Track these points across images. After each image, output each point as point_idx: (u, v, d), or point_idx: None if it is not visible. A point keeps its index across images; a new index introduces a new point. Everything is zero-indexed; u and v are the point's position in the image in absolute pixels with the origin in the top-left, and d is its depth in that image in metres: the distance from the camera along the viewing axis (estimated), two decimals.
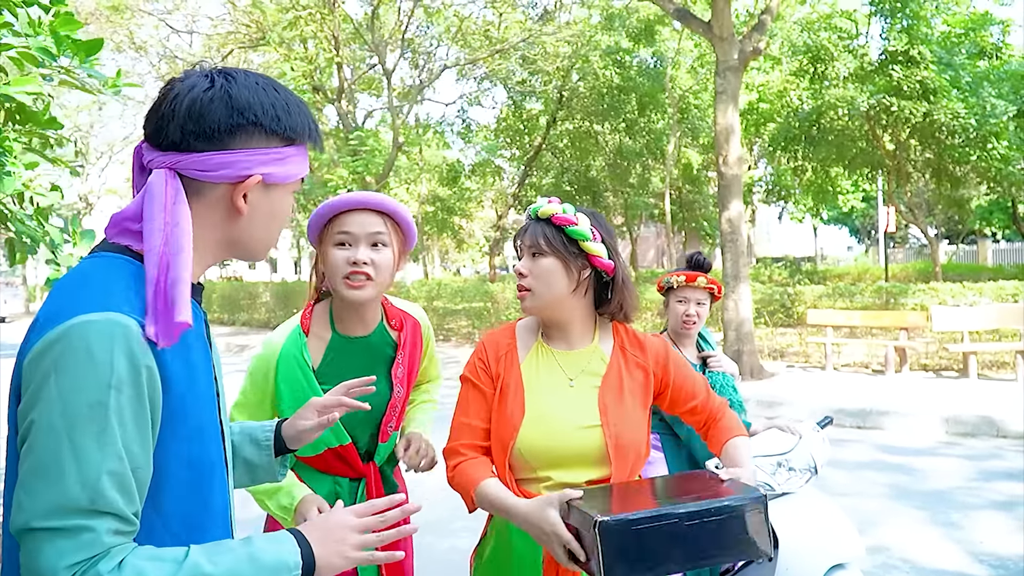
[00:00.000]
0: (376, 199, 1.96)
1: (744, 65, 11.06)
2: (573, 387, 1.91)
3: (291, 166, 1.27)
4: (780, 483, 2.78)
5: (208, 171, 1.19)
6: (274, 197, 1.27)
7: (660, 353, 2.00)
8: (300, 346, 2.05)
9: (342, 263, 1.92)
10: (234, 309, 24.06)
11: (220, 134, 1.18)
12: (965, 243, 36.06)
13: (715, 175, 21.44)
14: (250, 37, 18.59)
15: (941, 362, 11.53)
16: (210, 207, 1.22)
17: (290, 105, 1.26)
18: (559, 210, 1.88)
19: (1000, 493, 5.68)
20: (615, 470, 1.85)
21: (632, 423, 1.89)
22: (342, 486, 2.08)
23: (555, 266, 1.87)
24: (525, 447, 1.86)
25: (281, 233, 1.34)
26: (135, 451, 1.06)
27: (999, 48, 16.85)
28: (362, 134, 17.06)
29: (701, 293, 3.18)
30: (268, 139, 1.23)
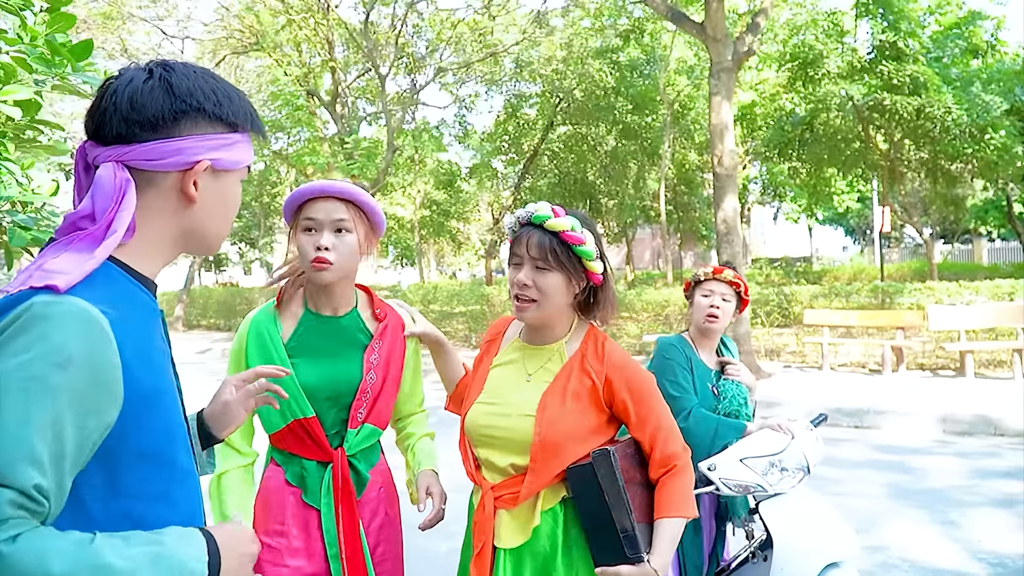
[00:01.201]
0: (338, 187, 2.05)
1: (738, 66, 11.08)
2: (529, 382, 2.00)
3: (237, 152, 1.27)
4: (772, 483, 2.77)
5: (156, 159, 1.18)
6: (223, 184, 1.27)
7: (619, 368, 1.97)
8: (272, 318, 2.16)
9: (309, 247, 2.04)
10: (230, 315, 24.01)
11: (164, 122, 1.18)
12: (960, 242, 36.17)
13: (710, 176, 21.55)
14: (243, 43, 18.58)
15: (938, 361, 11.54)
16: (161, 197, 1.22)
17: (230, 92, 1.27)
18: (568, 227, 1.89)
19: (998, 492, 5.68)
20: (535, 464, 1.89)
21: (567, 425, 1.91)
22: (308, 470, 2.10)
23: (561, 282, 1.92)
24: (469, 421, 2.01)
25: (231, 220, 1.34)
26: (68, 435, 1.02)
27: (992, 46, 16.89)
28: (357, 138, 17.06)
29: (727, 288, 3.12)
30: (213, 124, 1.23)
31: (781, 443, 2.84)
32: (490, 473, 1.99)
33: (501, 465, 1.95)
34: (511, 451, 1.94)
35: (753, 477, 2.76)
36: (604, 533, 1.88)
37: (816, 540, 2.70)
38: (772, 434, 2.87)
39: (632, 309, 14.57)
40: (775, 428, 2.91)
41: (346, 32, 18.25)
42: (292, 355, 2.11)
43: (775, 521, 2.74)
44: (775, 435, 2.87)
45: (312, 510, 2.09)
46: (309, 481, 2.09)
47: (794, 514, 2.76)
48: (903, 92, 14.79)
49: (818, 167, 19.15)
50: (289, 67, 17.93)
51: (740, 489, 2.77)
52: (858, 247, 43.75)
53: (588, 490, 1.89)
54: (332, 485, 2.07)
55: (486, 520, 1.93)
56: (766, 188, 26.32)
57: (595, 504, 1.88)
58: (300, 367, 2.09)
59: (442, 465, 2.33)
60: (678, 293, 14.43)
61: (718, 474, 2.77)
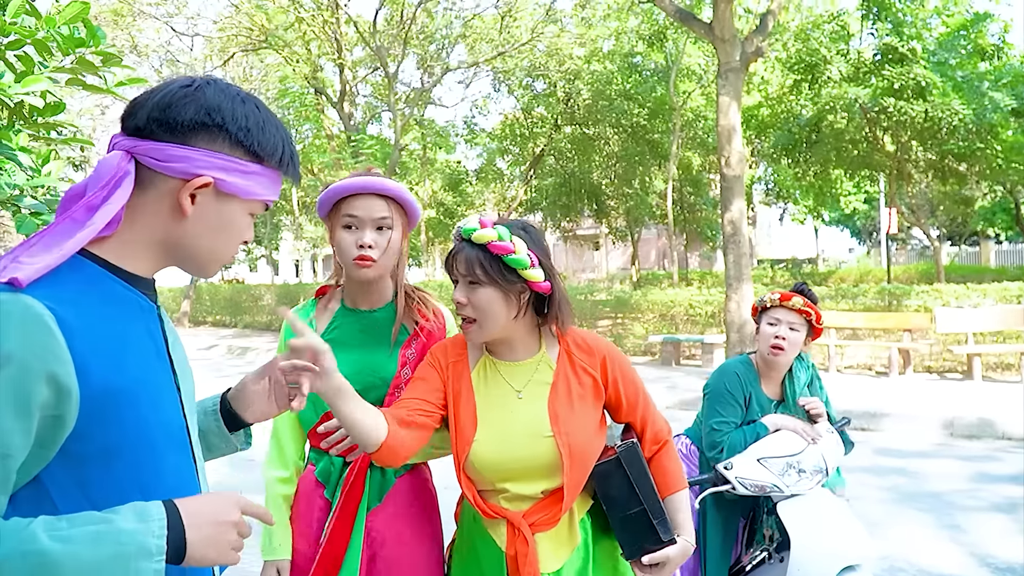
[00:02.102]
0: (380, 184, 2.03)
1: (746, 67, 11.06)
2: (522, 398, 1.90)
3: (252, 183, 1.23)
4: (789, 484, 2.74)
5: (161, 161, 1.17)
6: (226, 209, 1.23)
7: (605, 353, 1.97)
8: (309, 312, 2.19)
9: (350, 245, 2.02)
10: (236, 311, 24.06)
11: (183, 128, 1.17)
12: (967, 244, 36.05)
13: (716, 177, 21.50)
14: (252, 40, 18.61)
15: (945, 364, 11.51)
16: (157, 201, 1.20)
17: (267, 124, 1.24)
18: (494, 237, 1.79)
19: (1005, 496, 5.66)
20: (569, 478, 1.84)
21: (584, 429, 1.88)
22: (335, 465, 2.10)
23: (495, 296, 1.81)
24: (478, 461, 1.85)
25: (232, 250, 1.28)
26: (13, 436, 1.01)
27: (999, 48, 16.83)
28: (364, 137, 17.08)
29: (795, 317, 2.90)
30: (232, 148, 1.21)
31: (799, 444, 2.81)
32: (517, 503, 1.89)
33: (531, 493, 1.87)
34: (539, 476, 1.86)
35: (770, 477, 2.73)
36: (636, 523, 1.91)
37: (833, 542, 2.67)
38: (791, 435, 2.83)
39: (638, 309, 14.55)
40: (795, 430, 2.86)
41: (355, 30, 18.26)
42: None
43: (792, 522, 2.71)
44: (794, 436, 2.83)
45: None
46: (333, 476, 2.08)
47: (811, 516, 2.73)
48: (907, 96, 14.74)
49: (824, 169, 19.10)
50: (298, 65, 17.95)
51: (756, 489, 2.73)
52: (864, 249, 43.64)
53: (617, 484, 1.91)
54: (345, 482, 2.05)
55: (530, 552, 1.82)
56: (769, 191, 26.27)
57: (625, 496, 1.91)
58: None
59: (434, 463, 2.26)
60: (684, 294, 14.43)
61: (734, 473, 2.74)
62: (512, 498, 1.88)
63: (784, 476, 2.74)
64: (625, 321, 14.77)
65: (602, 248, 39.77)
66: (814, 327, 2.96)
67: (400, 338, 2.15)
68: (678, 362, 13.18)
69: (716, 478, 2.79)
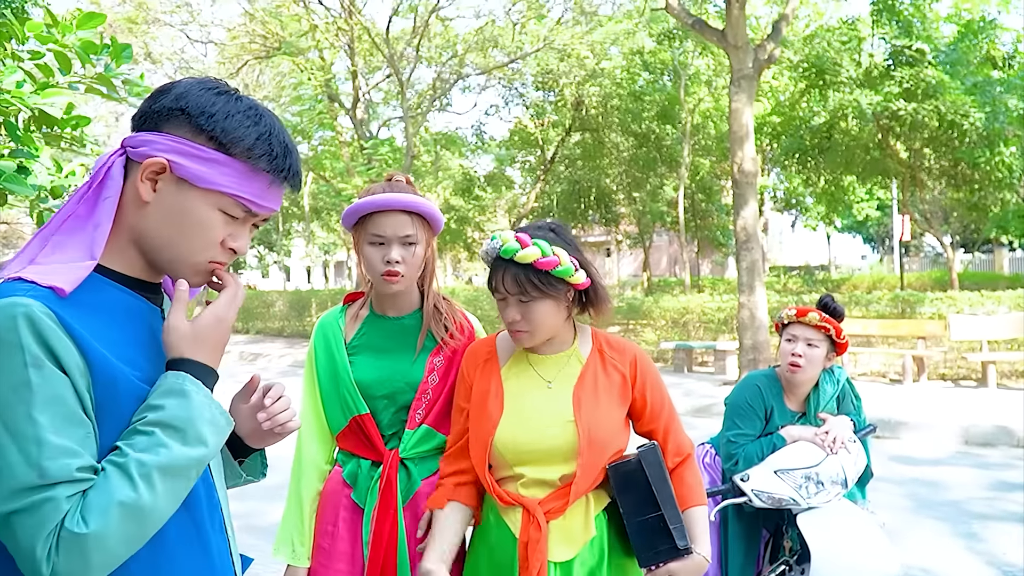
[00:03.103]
0: (406, 201, 2.05)
1: (759, 73, 11.05)
2: (551, 388, 1.97)
3: (214, 172, 1.19)
4: (807, 497, 2.68)
5: (133, 147, 1.19)
6: (184, 197, 1.19)
7: (635, 357, 2.03)
8: (337, 318, 2.24)
9: (378, 261, 2.07)
10: (248, 318, 24.15)
11: (155, 115, 1.20)
12: (981, 251, 35.84)
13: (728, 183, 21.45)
14: (266, 48, 18.71)
15: (959, 371, 11.44)
16: (129, 189, 1.21)
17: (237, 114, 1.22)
18: (539, 255, 1.84)
19: (1022, 504, 5.62)
20: (583, 464, 1.88)
21: (606, 420, 1.93)
22: (362, 468, 2.13)
23: (549, 307, 1.90)
24: (502, 443, 1.92)
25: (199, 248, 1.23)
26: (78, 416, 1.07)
27: (1011, 57, 16.77)
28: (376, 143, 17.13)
29: (813, 333, 2.84)
30: (195, 133, 1.19)
31: (818, 455, 2.75)
32: (533, 489, 1.93)
33: (550, 478, 1.92)
34: (558, 461, 1.91)
35: (787, 490, 2.68)
36: (652, 528, 1.90)
37: (854, 555, 2.59)
38: (809, 446, 2.78)
39: (650, 316, 14.53)
40: (813, 440, 2.81)
41: (368, 38, 18.34)
42: (353, 354, 2.17)
43: (814, 534, 2.64)
44: (812, 447, 2.78)
45: (359, 513, 2.11)
46: (361, 479, 2.11)
47: (833, 528, 2.66)
48: (919, 98, 14.67)
49: (836, 175, 19.04)
50: (312, 72, 18.04)
51: (772, 502, 2.69)
52: (877, 256, 43.44)
53: (636, 486, 1.91)
54: (379, 485, 2.08)
55: (541, 539, 1.86)
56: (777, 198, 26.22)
57: (643, 499, 1.90)
58: (358, 364, 2.14)
59: None
60: (696, 300, 14.40)
61: (751, 485, 2.70)
62: (529, 484, 1.93)
63: (802, 488, 2.68)
64: (637, 328, 14.75)
65: (613, 255, 39.70)
66: (837, 343, 2.89)
67: (429, 345, 2.19)
68: (690, 369, 13.15)
69: (733, 490, 2.76)
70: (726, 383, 11.42)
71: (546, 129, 22.82)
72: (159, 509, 1.07)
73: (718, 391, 10.54)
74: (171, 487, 1.09)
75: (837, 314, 2.90)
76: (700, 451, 3.15)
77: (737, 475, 2.74)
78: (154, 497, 1.06)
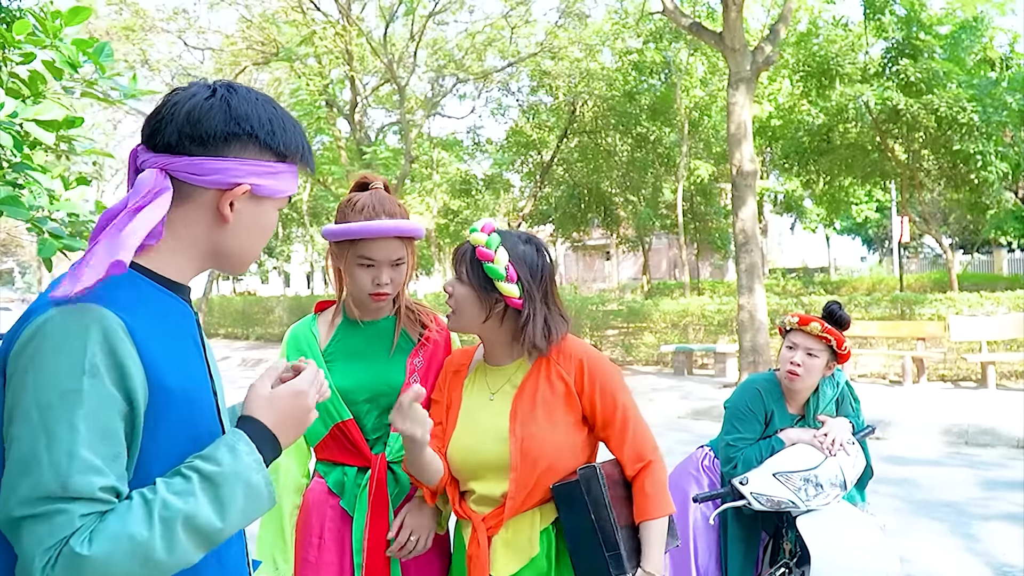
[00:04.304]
0: (398, 227, 2.01)
1: (756, 76, 11.07)
2: (492, 400, 1.96)
3: (281, 182, 1.28)
4: (806, 500, 2.67)
5: (199, 175, 1.20)
6: (261, 210, 1.29)
7: (581, 362, 1.94)
8: (310, 326, 2.20)
9: (367, 282, 2.05)
10: (248, 323, 24.15)
11: (215, 140, 1.20)
12: (980, 253, 35.83)
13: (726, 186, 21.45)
14: (264, 54, 18.73)
15: (959, 372, 11.44)
16: (197, 211, 1.24)
17: (286, 123, 1.28)
18: (482, 242, 1.88)
19: (1020, 505, 5.62)
20: (516, 479, 1.85)
21: (544, 434, 1.87)
22: (348, 475, 2.11)
23: (470, 297, 1.91)
24: (452, 460, 1.95)
25: (262, 247, 1.36)
26: (117, 435, 1.07)
27: (1008, 58, 16.79)
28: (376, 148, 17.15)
29: (814, 342, 2.80)
30: (261, 152, 1.25)
31: (816, 458, 2.73)
32: (481, 505, 1.94)
33: (495, 495, 1.91)
34: (498, 476, 1.89)
35: (786, 493, 2.67)
36: (590, 551, 1.85)
37: (852, 557, 2.58)
38: (807, 449, 2.77)
39: (649, 319, 14.53)
40: (812, 442, 2.79)
41: (366, 44, 18.36)
42: (329, 360, 2.13)
43: (812, 536, 2.63)
44: (810, 450, 2.76)
45: (349, 523, 2.07)
46: (348, 486, 2.08)
47: (833, 530, 2.64)
48: (918, 92, 14.66)
49: (835, 177, 19.04)
50: (310, 78, 18.04)
51: (771, 504, 2.67)
52: (876, 257, 43.44)
53: (575, 507, 1.86)
54: (368, 490, 2.05)
55: (482, 554, 1.88)
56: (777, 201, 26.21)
57: (581, 522, 1.85)
58: (336, 370, 2.10)
59: None
60: (695, 303, 14.40)
61: (749, 488, 2.68)
62: (478, 500, 1.94)
63: (800, 491, 2.67)
64: (637, 331, 14.74)
65: (613, 258, 39.71)
66: (838, 353, 2.85)
67: (407, 347, 2.17)
68: (690, 372, 13.14)
69: (732, 493, 2.75)
70: (726, 386, 11.41)
71: (543, 132, 22.82)
72: (165, 559, 1.05)
73: (718, 394, 10.53)
74: (186, 542, 1.07)
75: (842, 322, 2.85)
76: (699, 454, 3.15)
77: (736, 478, 2.73)
78: (166, 545, 1.04)
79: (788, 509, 2.71)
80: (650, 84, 20.01)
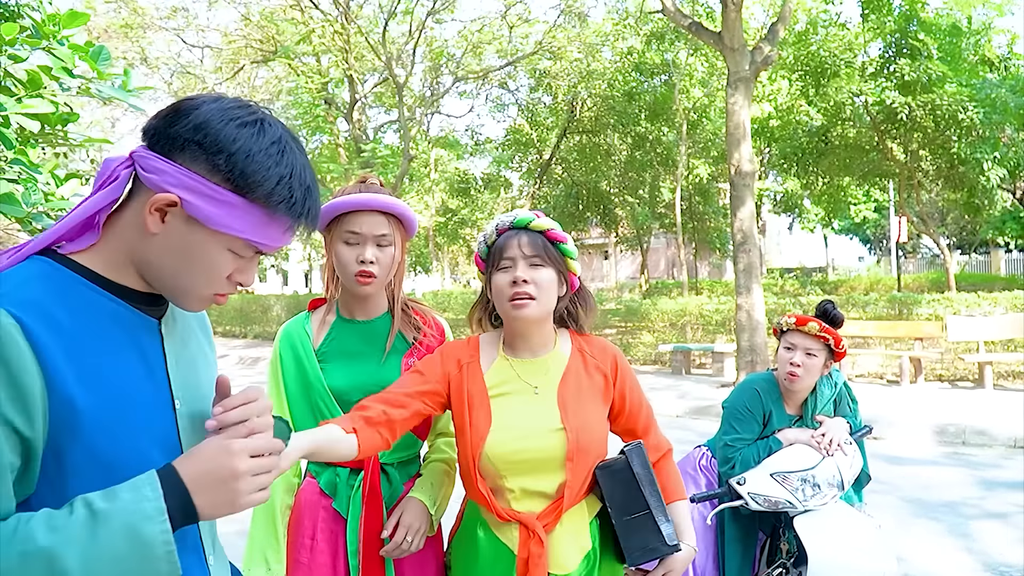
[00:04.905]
0: (382, 201, 2.03)
1: (755, 76, 11.06)
2: (538, 394, 1.94)
3: (227, 215, 1.12)
4: (803, 500, 2.67)
5: (145, 171, 1.11)
6: (193, 236, 1.13)
7: (615, 357, 2.03)
8: (303, 324, 2.17)
9: (351, 261, 2.03)
10: (246, 322, 24.13)
11: (170, 140, 1.11)
12: (977, 253, 35.88)
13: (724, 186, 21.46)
14: (262, 52, 18.71)
15: (956, 372, 11.45)
16: (135, 212, 1.14)
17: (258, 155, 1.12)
18: (553, 226, 1.94)
19: (1017, 504, 5.62)
20: (573, 470, 1.86)
21: (591, 423, 1.92)
22: (341, 477, 2.09)
23: (554, 278, 1.92)
24: (493, 454, 1.86)
25: (204, 283, 1.17)
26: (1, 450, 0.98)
27: (1006, 59, 16.80)
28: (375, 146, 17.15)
29: (812, 342, 2.81)
30: (211, 172, 1.11)
31: (814, 458, 2.73)
32: (529, 503, 1.89)
33: (548, 490, 1.88)
34: (550, 470, 1.87)
35: (783, 493, 2.67)
36: (641, 526, 1.90)
37: (852, 558, 2.58)
38: (805, 449, 2.77)
39: (647, 318, 14.53)
40: (809, 443, 2.79)
41: (365, 42, 18.35)
42: (323, 360, 2.11)
43: (810, 536, 2.63)
44: (808, 450, 2.76)
45: (341, 523, 2.06)
46: (340, 488, 2.07)
47: (830, 530, 2.64)
48: (917, 91, 14.65)
49: (833, 178, 19.06)
50: (309, 76, 18.04)
51: (768, 504, 2.68)
52: (874, 257, 43.49)
53: (624, 485, 1.90)
54: (362, 492, 2.03)
55: (543, 553, 1.83)
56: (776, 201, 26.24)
57: (631, 499, 1.89)
58: (329, 371, 2.09)
59: None
60: (694, 303, 14.40)
61: (747, 488, 2.69)
62: (525, 497, 1.89)
63: (798, 492, 2.67)
64: (634, 330, 14.74)
65: (611, 257, 39.72)
66: (835, 351, 2.87)
67: (400, 347, 2.15)
68: (688, 371, 13.14)
69: (729, 493, 2.75)
70: (724, 385, 11.41)
71: (541, 130, 22.83)
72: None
73: (716, 393, 10.53)
74: None
75: (837, 321, 2.88)
76: (696, 453, 3.15)
77: (734, 478, 2.73)
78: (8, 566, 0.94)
79: (785, 509, 2.71)
80: (650, 84, 20.02)
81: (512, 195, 26.65)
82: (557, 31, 18.89)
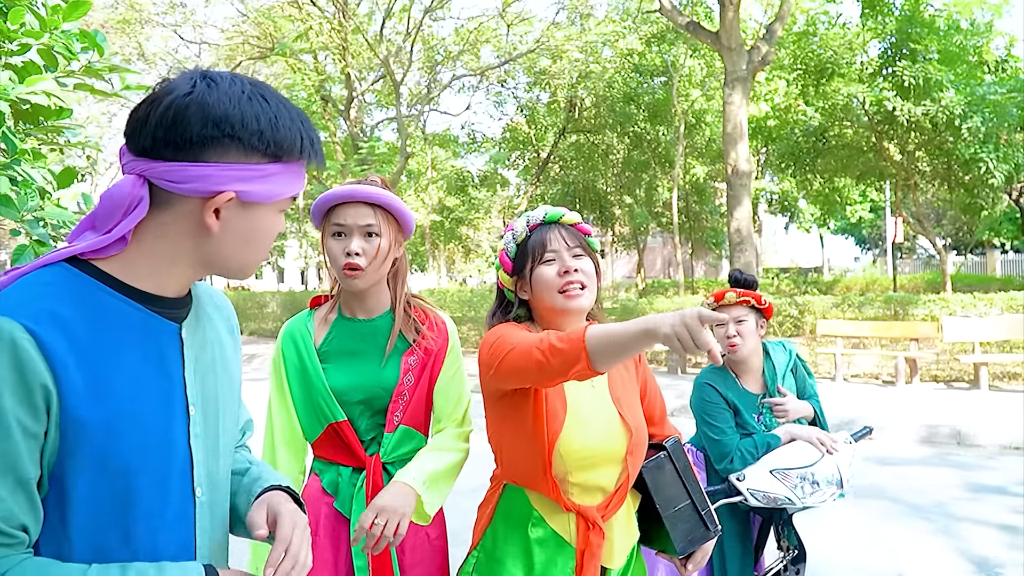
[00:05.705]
0: (366, 192, 2.02)
1: (752, 75, 11.08)
2: (595, 388, 1.93)
3: (275, 184, 1.15)
4: (802, 497, 2.68)
5: (177, 183, 1.09)
6: (253, 216, 1.16)
7: None
8: (305, 323, 2.17)
9: (339, 253, 2.03)
10: (242, 318, 24.10)
11: (191, 145, 1.08)
12: (973, 254, 35.95)
13: (721, 186, 21.48)
14: (260, 48, 18.68)
15: (952, 373, 11.46)
16: (179, 220, 1.12)
17: (279, 118, 1.14)
18: (580, 220, 1.98)
19: (1010, 506, 5.63)
20: (632, 463, 1.91)
21: (641, 416, 1.98)
22: (343, 476, 2.09)
23: (593, 268, 1.95)
24: (565, 449, 1.83)
25: (265, 250, 1.22)
26: (23, 461, 0.99)
27: (1004, 61, 16.81)
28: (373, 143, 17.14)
29: (738, 310, 2.88)
30: (247, 154, 1.12)
31: (813, 456, 2.75)
32: (588, 496, 1.88)
33: (606, 484, 1.89)
34: (612, 462, 1.89)
35: (782, 490, 2.68)
36: (687, 518, 1.96)
37: (852, 556, 2.61)
38: (805, 446, 2.78)
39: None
40: (810, 440, 2.80)
41: (362, 39, 18.33)
42: (324, 359, 2.10)
43: (810, 534, 2.65)
44: (808, 447, 2.78)
45: (343, 522, 2.06)
46: (342, 487, 2.06)
47: (831, 528, 2.68)
48: (915, 95, 14.66)
49: (830, 178, 19.07)
50: (306, 73, 18.02)
51: (768, 501, 2.69)
52: (870, 257, 43.55)
53: (667, 479, 1.97)
54: (364, 492, 2.03)
55: (603, 544, 1.86)
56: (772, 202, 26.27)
57: (674, 490, 1.97)
58: (331, 371, 2.08)
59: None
60: (690, 302, 14.40)
61: (746, 484, 2.70)
62: (585, 491, 1.87)
63: (797, 489, 2.68)
64: None
65: (607, 256, 39.74)
66: (762, 309, 2.93)
67: (401, 347, 2.14)
68: (684, 370, 13.15)
69: (728, 489, 2.76)
70: None
71: (539, 129, 22.83)
72: None
73: None
74: None
75: (751, 284, 2.94)
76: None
77: (733, 475, 2.73)
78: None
79: (784, 506, 2.72)
80: (649, 86, 20.03)
81: (509, 194, 26.64)
82: (556, 30, 18.87)
